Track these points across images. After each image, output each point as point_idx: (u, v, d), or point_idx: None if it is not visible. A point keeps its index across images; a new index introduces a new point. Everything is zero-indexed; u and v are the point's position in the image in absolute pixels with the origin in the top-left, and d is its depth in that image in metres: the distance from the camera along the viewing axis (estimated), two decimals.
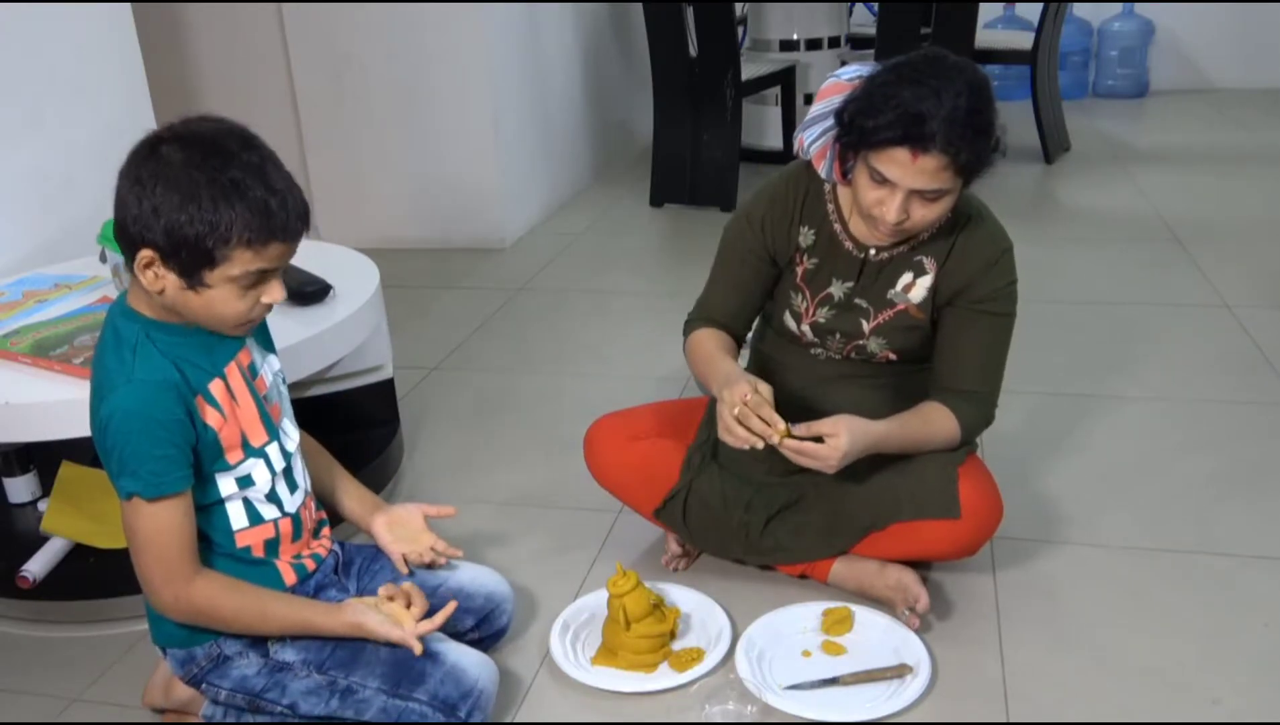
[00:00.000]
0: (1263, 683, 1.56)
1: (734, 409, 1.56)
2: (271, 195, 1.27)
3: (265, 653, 1.46)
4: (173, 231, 1.24)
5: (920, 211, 1.55)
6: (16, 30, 2.27)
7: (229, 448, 1.40)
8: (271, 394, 1.49)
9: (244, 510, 1.45)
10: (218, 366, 1.40)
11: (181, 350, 1.36)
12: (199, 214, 1.23)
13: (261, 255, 1.28)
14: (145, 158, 1.26)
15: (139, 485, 1.31)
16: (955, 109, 1.45)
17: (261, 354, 1.51)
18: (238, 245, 1.26)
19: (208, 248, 1.25)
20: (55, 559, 1.82)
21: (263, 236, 1.27)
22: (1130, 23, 5.82)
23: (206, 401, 1.37)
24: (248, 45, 3.79)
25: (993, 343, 1.72)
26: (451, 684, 1.43)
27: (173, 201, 1.23)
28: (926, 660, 1.59)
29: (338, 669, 1.44)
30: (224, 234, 1.25)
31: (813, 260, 1.74)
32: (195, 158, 1.25)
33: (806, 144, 1.68)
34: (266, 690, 1.45)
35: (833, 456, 1.57)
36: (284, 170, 1.32)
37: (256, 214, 1.25)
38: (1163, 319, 2.89)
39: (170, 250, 1.26)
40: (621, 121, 4.99)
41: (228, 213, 1.24)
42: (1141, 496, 2.05)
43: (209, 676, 1.47)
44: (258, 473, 1.44)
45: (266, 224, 1.26)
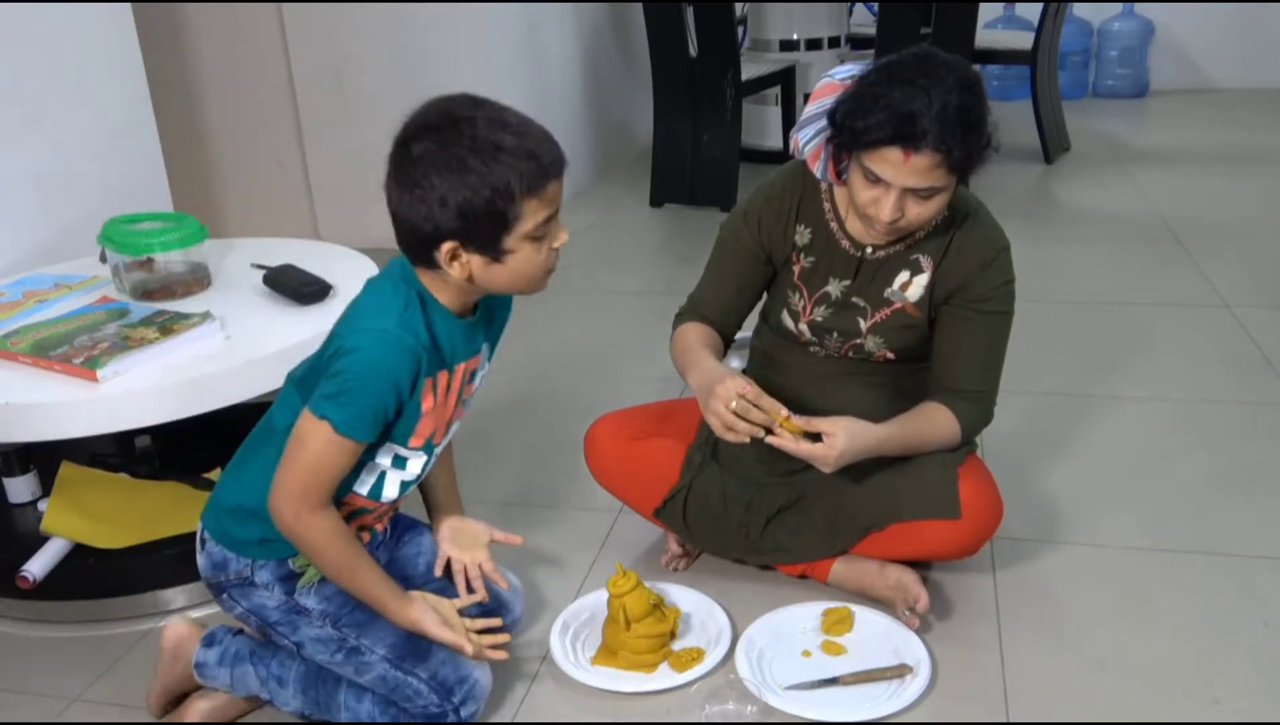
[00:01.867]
0: (1263, 683, 1.56)
1: (731, 403, 1.55)
2: (526, 139, 1.30)
3: (290, 591, 1.49)
4: (465, 211, 1.28)
5: (915, 210, 1.55)
6: (16, 30, 2.27)
7: (420, 433, 1.44)
8: (470, 400, 1.53)
9: (374, 482, 1.48)
10: (453, 361, 1.43)
11: (437, 331, 1.40)
12: (479, 183, 1.27)
13: (544, 199, 1.32)
14: (404, 162, 1.31)
15: (339, 418, 1.33)
16: (946, 107, 1.46)
17: (485, 361, 1.54)
18: (523, 197, 1.29)
19: (500, 211, 1.29)
20: (55, 559, 1.82)
21: (540, 180, 1.30)
22: (1130, 23, 5.82)
23: (432, 386, 1.41)
24: (248, 45, 3.79)
25: (991, 342, 1.72)
26: (451, 667, 1.47)
27: (451, 184, 1.27)
28: (926, 660, 1.59)
29: (351, 628, 1.47)
30: (508, 191, 1.28)
31: (809, 259, 1.75)
32: (446, 138, 1.29)
33: (801, 144, 1.68)
34: (279, 623, 1.49)
35: (829, 456, 1.57)
36: (517, 113, 1.34)
37: (525, 160, 1.29)
38: (1163, 319, 2.89)
39: (468, 231, 1.30)
40: (621, 121, 4.99)
41: (501, 171, 1.27)
42: (1141, 496, 2.05)
43: (231, 590, 1.49)
44: (413, 463, 1.48)
45: (538, 166, 1.30)
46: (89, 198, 2.43)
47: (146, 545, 1.84)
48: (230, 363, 1.74)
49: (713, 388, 1.58)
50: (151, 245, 1.97)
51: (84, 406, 1.64)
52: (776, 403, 1.57)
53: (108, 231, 1.99)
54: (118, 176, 2.53)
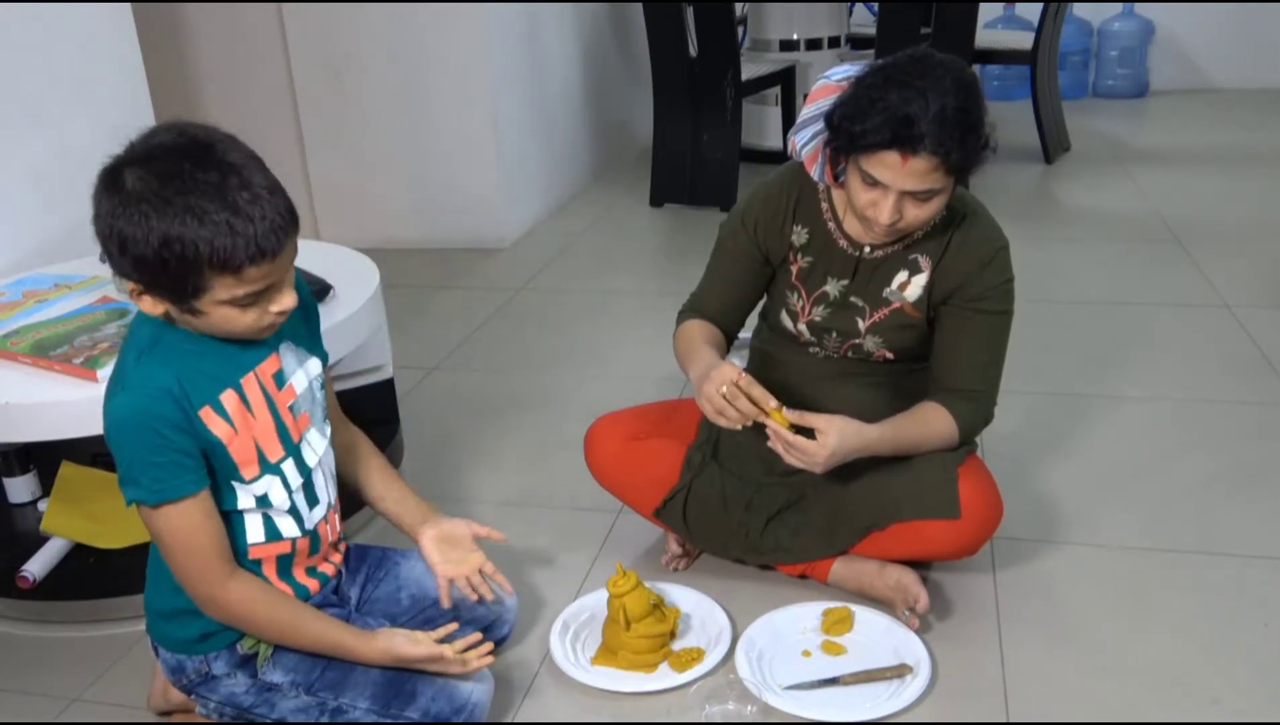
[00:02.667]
0: (1263, 683, 1.56)
1: (722, 388, 1.56)
2: (234, 215, 1.17)
3: (253, 673, 1.44)
4: (143, 265, 1.19)
5: (913, 212, 1.55)
6: (16, 30, 2.27)
7: (243, 462, 1.35)
8: (300, 403, 1.43)
9: (262, 525, 1.41)
10: (234, 377, 1.34)
11: (194, 358, 1.31)
12: (164, 248, 1.17)
13: (242, 279, 1.20)
14: (109, 186, 1.20)
15: (141, 493, 1.29)
16: (943, 109, 1.45)
17: (299, 360, 1.45)
18: (211, 273, 1.19)
19: (183, 278, 1.19)
20: (55, 559, 1.82)
21: (233, 262, 1.18)
22: (1130, 23, 5.82)
23: (215, 412, 1.32)
24: (248, 45, 3.79)
25: (990, 341, 1.72)
26: (444, 700, 1.42)
27: (136, 236, 1.17)
28: (926, 660, 1.59)
29: (326, 690, 1.42)
30: (193, 264, 1.17)
31: (807, 259, 1.75)
32: (153, 184, 1.17)
33: (799, 147, 1.68)
34: (255, 706, 1.44)
35: (820, 453, 1.57)
36: (252, 178, 1.20)
37: (221, 237, 1.16)
38: (1163, 319, 2.89)
39: (150, 282, 1.22)
40: (621, 121, 4.99)
41: (191, 243, 1.16)
42: (1141, 496, 2.05)
43: (198, 689, 1.46)
44: (274, 492, 1.39)
45: (233, 249, 1.17)
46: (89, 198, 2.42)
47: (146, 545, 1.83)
48: None
49: (708, 373, 1.59)
50: None
51: (84, 406, 1.64)
52: (767, 394, 1.57)
53: None
54: None
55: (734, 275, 1.81)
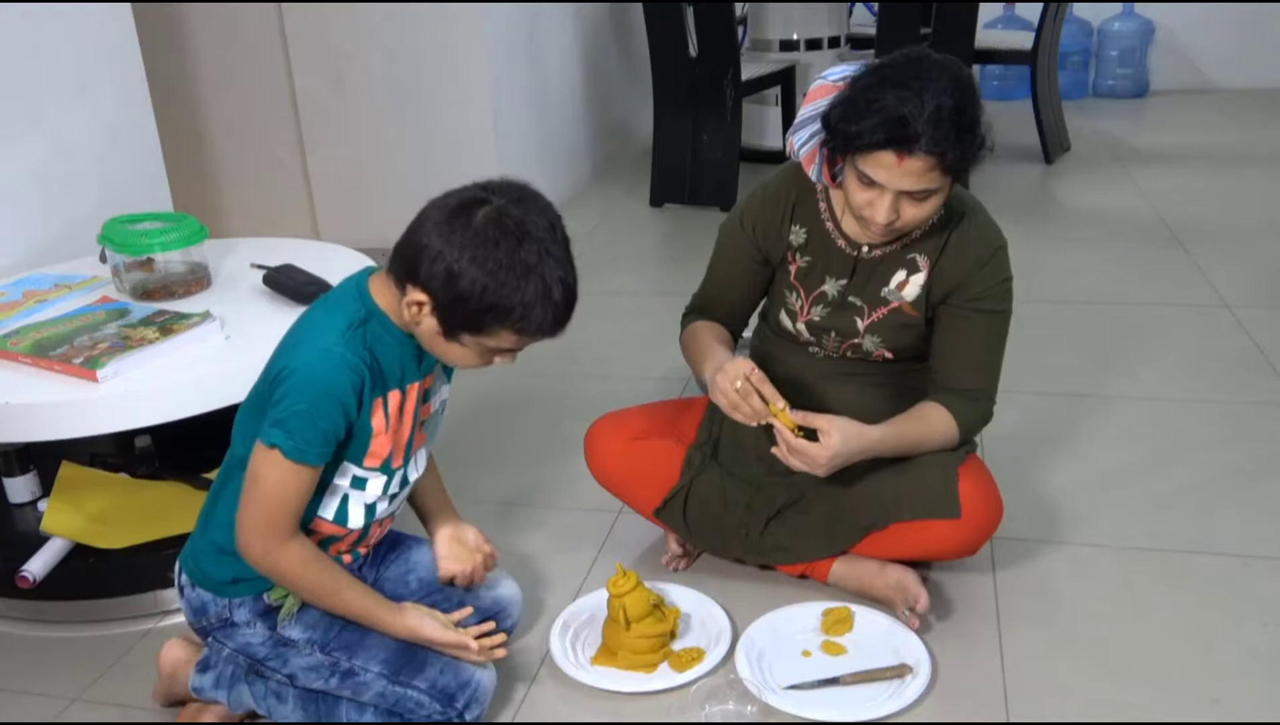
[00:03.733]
0: (1262, 683, 1.56)
1: (736, 383, 1.57)
2: (559, 288, 1.32)
3: (273, 625, 1.47)
4: (458, 295, 1.29)
5: (910, 211, 1.55)
6: (16, 30, 2.27)
7: (374, 454, 1.42)
8: (430, 423, 1.52)
9: (337, 505, 1.45)
10: (405, 380, 1.42)
11: (386, 350, 1.38)
12: (488, 292, 1.28)
13: (522, 338, 1.35)
14: (462, 210, 1.30)
15: (287, 443, 1.32)
16: (939, 109, 1.45)
17: (441, 382, 1.53)
18: (504, 328, 1.32)
19: (481, 320, 1.31)
20: (55, 559, 1.82)
21: (533, 329, 1.33)
22: (1130, 23, 5.81)
23: (383, 405, 1.40)
24: (248, 45, 3.79)
25: (989, 341, 1.72)
26: (451, 674, 1.45)
27: (470, 269, 1.27)
28: (926, 660, 1.59)
29: (341, 650, 1.46)
30: (502, 317, 1.30)
31: (805, 259, 1.75)
32: (507, 233, 1.28)
33: (796, 147, 1.69)
34: (268, 659, 1.47)
35: (823, 455, 1.57)
36: (572, 260, 1.37)
37: (537, 306, 1.31)
38: (1163, 319, 2.89)
39: (446, 307, 1.31)
40: (621, 121, 4.99)
41: (513, 299, 1.29)
42: (1141, 496, 2.05)
43: (215, 633, 1.48)
44: (373, 485, 1.46)
45: (542, 319, 1.32)
46: (89, 198, 2.43)
47: (146, 545, 1.84)
48: (230, 363, 1.74)
49: (722, 367, 1.60)
50: (151, 245, 1.97)
51: (84, 406, 1.64)
52: (776, 393, 1.58)
53: (108, 231, 1.99)
54: (118, 176, 2.53)
55: (734, 276, 1.81)
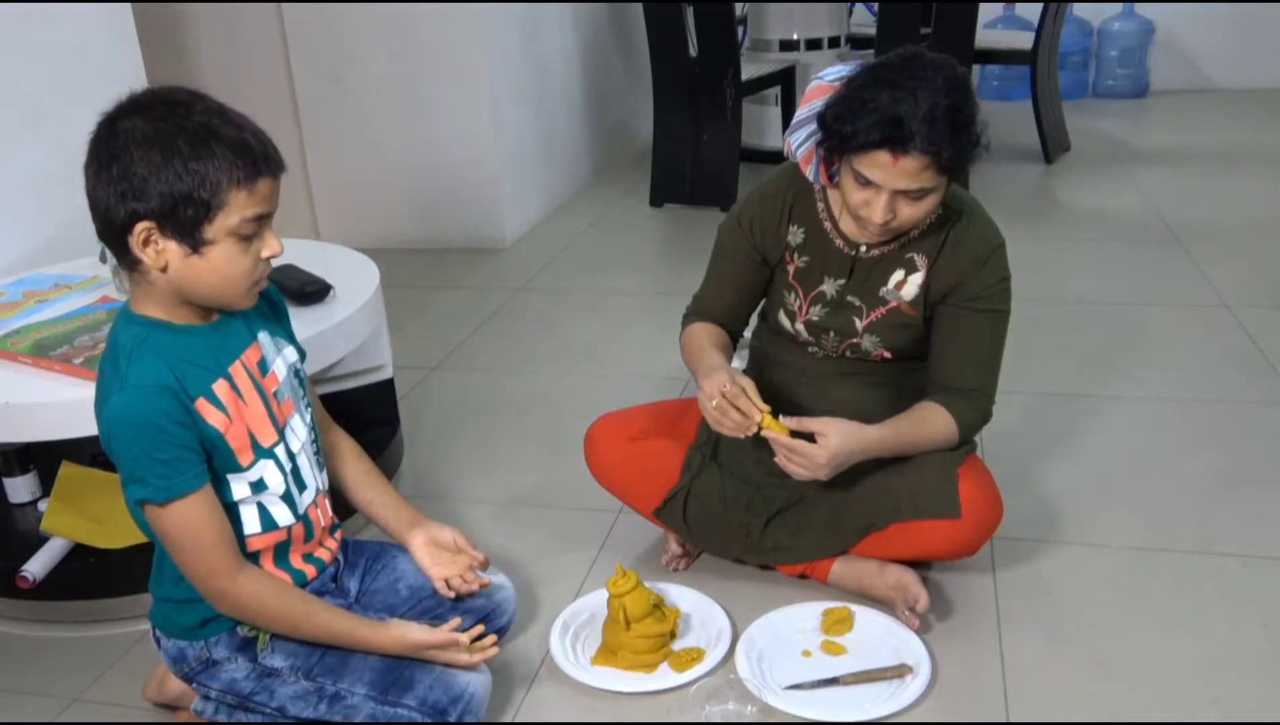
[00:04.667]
0: (1262, 683, 1.56)
1: (713, 401, 1.58)
2: (243, 131, 1.26)
3: (254, 657, 1.45)
4: (165, 191, 1.22)
5: (907, 210, 1.56)
6: (16, 30, 2.27)
7: (238, 449, 1.37)
8: (282, 390, 1.45)
9: (257, 515, 1.42)
10: (222, 366, 1.37)
11: (183, 351, 1.33)
12: (184, 167, 1.22)
13: (254, 195, 1.27)
14: (108, 137, 1.24)
15: (147, 492, 1.29)
16: (934, 108, 1.46)
17: (277, 347, 1.48)
18: (230, 187, 1.24)
19: (204, 198, 1.24)
20: (55, 559, 1.82)
21: (250, 173, 1.25)
22: (1130, 23, 5.81)
23: (209, 402, 1.34)
24: (248, 45, 3.79)
25: (987, 340, 1.72)
26: (441, 689, 1.42)
27: (155, 162, 1.22)
28: (926, 660, 1.59)
29: (325, 675, 1.43)
30: (214, 178, 1.23)
31: (804, 258, 1.75)
32: (158, 118, 1.23)
33: (794, 147, 1.69)
34: (255, 693, 1.44)
35: (821, 456, 1.57)
36: (238, 112, 1.30)
37: (238, 152, 1.24)
38: (1163, 319, 2.89)
39: (166, 212, 1.24)
40: (621, 121, 4.99)
41: (210, 158, 1.23)
42: (1141, 496, 2.05)
43: (199, 676, 1.46)
44: (269, 475, 1.41)
45: (250, 160, 1.25)
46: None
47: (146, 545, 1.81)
48: None
49: (702, 383, 1.61)
50: None
51: (84, 406, 1.63)
52: (754, 406, 1.57)
53: None
54: None
55: (733, 276, 1.82)
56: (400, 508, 1.62)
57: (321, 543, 1.54)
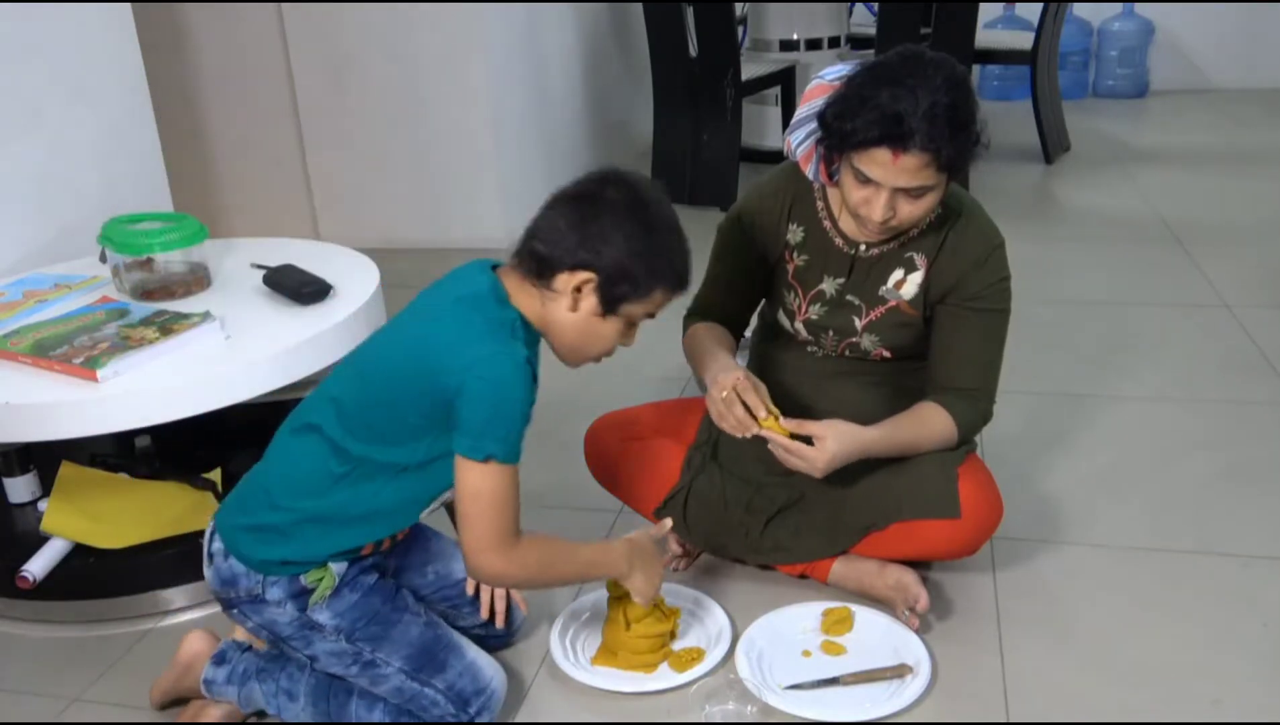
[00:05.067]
0: (1263, 683, 1.56)
1: (722, 393, 1.58)
2: (685, 244, 1.43)
3: (303, 607, 1.45)
4: (623, 261, 1.37)
5: (907, 209, 1.55)
6: (16, 30, 2.27)
7: None
8: None
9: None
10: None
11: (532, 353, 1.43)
12: (649, 252, 1.38)
13: (667, 299, 1.44)
14: (595, 196, 1.39)
15: (501, 449, 1.34)
16: (934, 106, 1.46)
17: None
18: (661, 287, 1.41)
19: (644, 283, 1.39)
20: (55, 559, 1.82)
21: (679, 285, 1.43)
22: (1130, 23, 5.81)
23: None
24: (248, 45, 3.79)
25: (987, 340, 1.72)
26: (469, 678, 1.47)
27: (628, 234, 1.37)
28: (926, 660, 1.59)
29: (366, 642, 1.46)
30: (659, 273, 1.40)
31: (803, 257, 1.75)
32: (638, 203, 1.39)
33: (794, 146, 1.69)
34: (293, 638, 1.47)
35: (820, 459, 1.57)
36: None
37: (680, 261, 1.42)
38: (1163, 319, 2.89)
39: (612, 278, 1.38)
40: (621, 121, 4.99)
41: (665, 256, 1.40)
42: (1141, 496, 2.05)
43: (242, 606, 1.46)
44: None
45: (684, 274, 1.43)
46: (89, 198, 2.43)
47: (146, 545, 1.84)
48: (230, 363, 1.74)
49: (715, 377, 1.61)
50: (151, 245, 1.97)
51: (84, 406, 1.64)
52: (760, 403, 1.57)
53: (108, 231, 1.99)
54: (118, 176, 2.53)
55: (733, 276, 1.82)
56: None
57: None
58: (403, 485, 1.43)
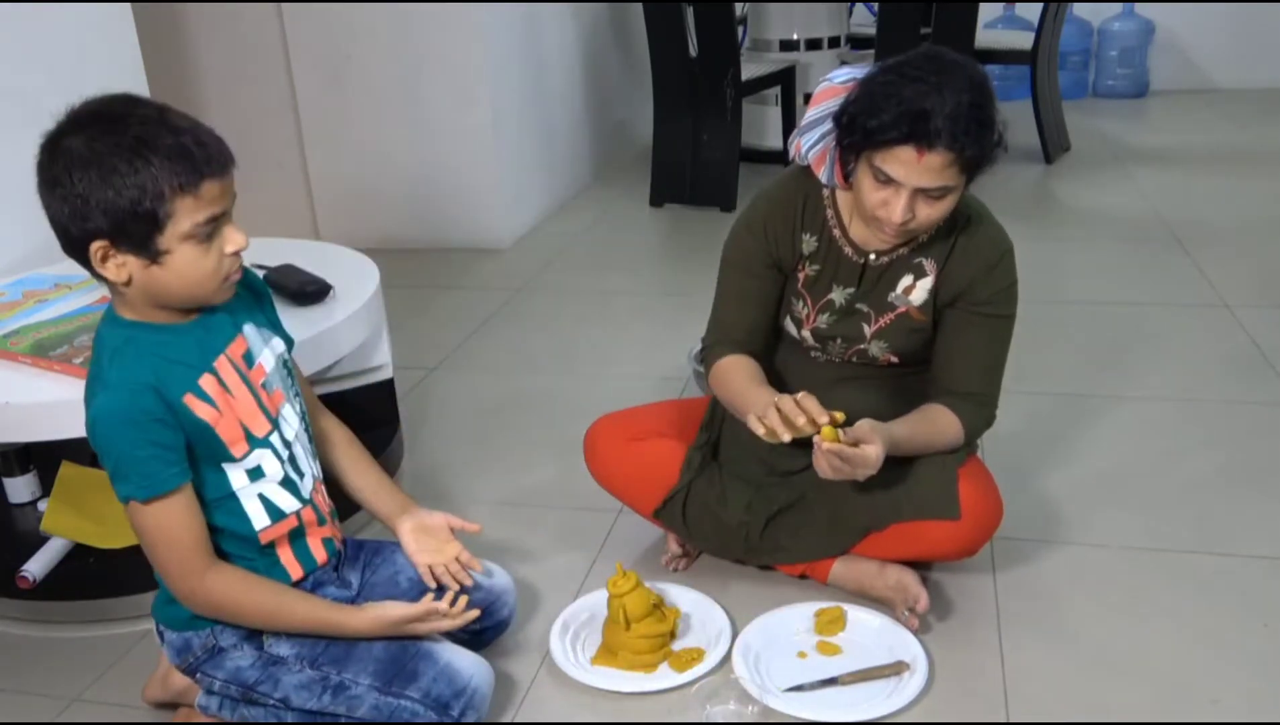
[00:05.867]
0: (1263, 683, 1.56)
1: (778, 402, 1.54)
2: (181, 136, 1.25)
3: (260, 645, 1.46)
4: (109, 210, 1.23)
5: (925, 210, 1.54)
6: (16, 30, 2.26)
7: (230, 441, 1.39)
8: (271, 381, 1.46)
9: (262, 506, 1.44)
10: (207, 361, 1.38)
11: (167, 349, 1.35)
12: (123, 181, 1.22)
13: (200, 199, 1.25)
14: (51, 158, 1.27)
15: (131, 488, 1.31)
16: (959, 105, 1.45)
17: (264, 339, 1.49)
18: (173, 196, 1.24)
19: (149, 210, 1.23)
20: (55, 559, 1.82)
21: (192, 178, 1.24)
22: (1130, 23, 5.82)
23: (197, 397, 1.35)
24: (248, 45, 3.79)
25: (993, 345, 1.72)
26: (445, 682, 1.43)
27: (93, 181, 1.23)
28: (922, 657, 1.59)
29: (330, 665, 1.44)
30: (155, 189, 1.23)
31: (814, 267, 1.74)
32: (95, 133, 1.25)
33: (804, 149, 1.67)
34: (260, 683, 1.45)
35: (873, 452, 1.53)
36: (183, 114, 1.29)
37: (176, 159, 1.23)
38: (1163, 319, 2.89)
39: (116, 230, 1.25)
40: (621, 121, 4.99)
41: (147, 169, 1.23)
42: (1141, 496, 2.05)
43: (204, 666, 1.47)
44: (267, 463, 1.43)
45: (189, 165, 1.24)
46: None
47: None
48: None
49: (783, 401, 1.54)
50: None
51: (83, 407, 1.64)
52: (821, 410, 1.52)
53: None
54: None
55: (751, 290, 1.76)
56: (391, 494, 1.64)
57: (332, 526, 1.56)
58: (223, 508, 1.42)
